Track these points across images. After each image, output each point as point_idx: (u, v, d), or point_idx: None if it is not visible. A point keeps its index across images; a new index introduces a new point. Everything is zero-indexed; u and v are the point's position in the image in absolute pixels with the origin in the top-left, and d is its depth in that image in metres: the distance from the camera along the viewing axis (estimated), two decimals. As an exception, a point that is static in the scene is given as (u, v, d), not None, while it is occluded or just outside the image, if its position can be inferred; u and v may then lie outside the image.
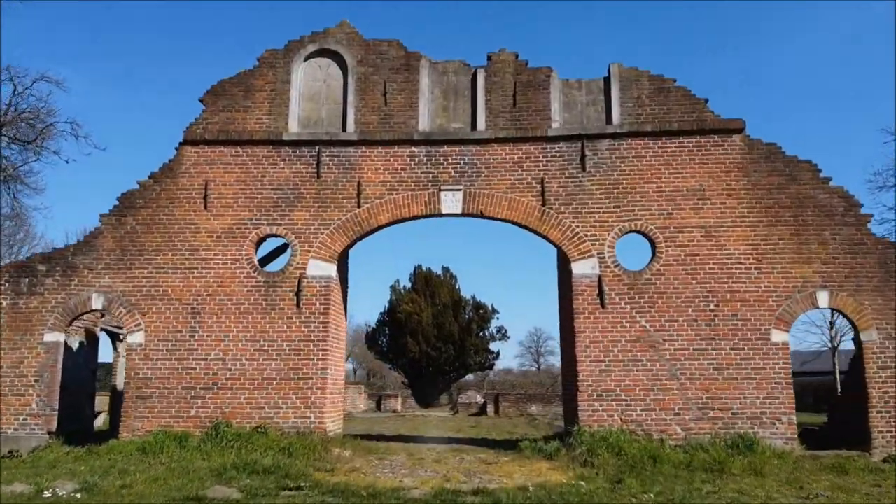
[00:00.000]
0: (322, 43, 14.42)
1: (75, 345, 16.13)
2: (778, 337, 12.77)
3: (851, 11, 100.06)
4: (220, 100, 14.19)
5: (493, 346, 43.38)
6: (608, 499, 8.95)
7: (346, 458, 11.92)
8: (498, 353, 43.76)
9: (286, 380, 13.05)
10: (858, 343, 12.96)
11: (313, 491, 9.10)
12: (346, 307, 14.88)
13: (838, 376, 34.01)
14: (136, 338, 13.34)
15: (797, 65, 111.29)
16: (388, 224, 13.81)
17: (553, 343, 73.49)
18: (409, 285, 42.70)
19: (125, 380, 13.44)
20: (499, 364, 50.21)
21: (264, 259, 14.87)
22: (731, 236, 13.15)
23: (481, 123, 13.88)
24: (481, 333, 42.57)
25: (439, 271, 42.66)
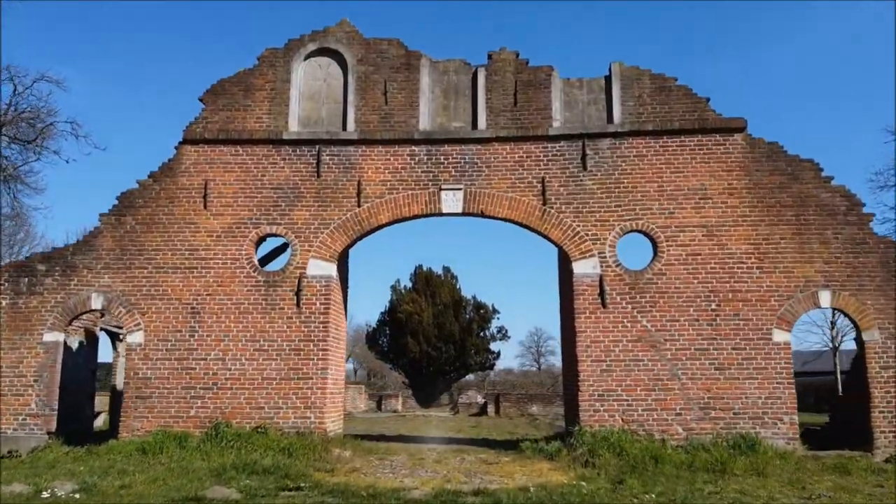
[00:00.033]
0: (322, 42, 14.38)
1: (75, 345, 16.10)
2: (780, 337, 12.73)
3: (851, 11, 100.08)
4: (220, 99, 14.16)
5: (494, 346, 43.47)
6: (609, 499, 8.91)
7: (346, 458, 11.87)
8: (498, 353, 43.84)
9: (286, 380, 13.01)
10: (860, 343, 12.91)
11: (313, 491, 9.06)
12: (346, 307, 14.84)
13: (839, 376, 33.95)
14: (135, 337, 13.31)
15: (797, 65, 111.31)
16: (389, 223, 13.77)
17: (554, 343, 73.50)
18: (409, 285, 42.73)
19: (124, 380, 13.41)
20: (499, 364, 50.32)
21: (264, 259, 14.83)
22: (733, 235, 13.11)
23: (482, 122, 13.83)
24: (482, 333, 42.58)
25: (440, 271, 42.70)
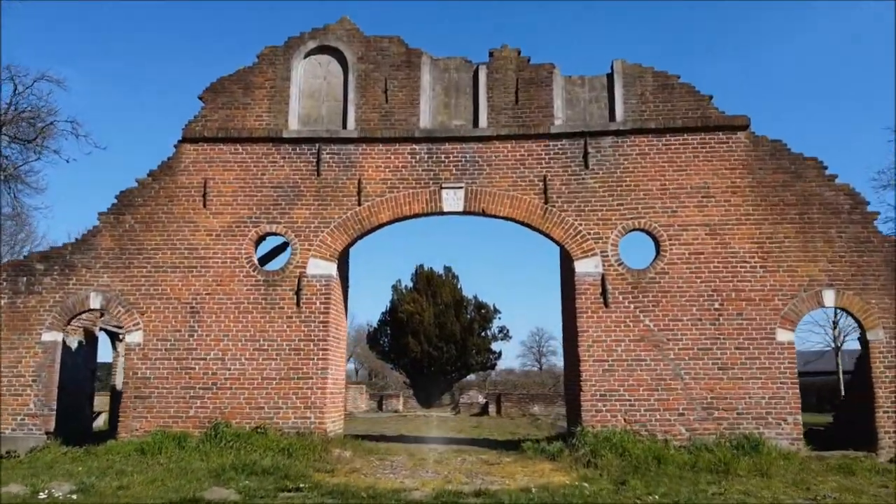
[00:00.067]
0: (322, 39, 14.29)
1: (74, 344, 16.04)
2: (783, 336, 12.62)
3: (851, 11, 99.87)
4: (220, 97, 14.07)
5: (495, 345, 43.41)
6: (612, 500, 8.82)
7: (346, 458, 11.78)
8: (500, 353, 43.78)
9: (286, 379, 12.92)
10: (865, 342, 12.79)
11: (313, 492, 8.98)
12: (346, 306, 14.75)
13: (842, 376, 33.87)
14: (134, 337, 13.22)
15: (797, 64, 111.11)
16: (389, 222, 13.67)
17: (555, 343, 73.51)
18: (410, 285, 42.66)
19: (123, 380, 13.33)
20: (501, 364, 50.21)
21: (264, 258, 14.74)
22: (736, 234, 13.01)
23: (483, 121, 13.74)
24: (483, 333, 42.50)
25: (441, 271, 42.65)
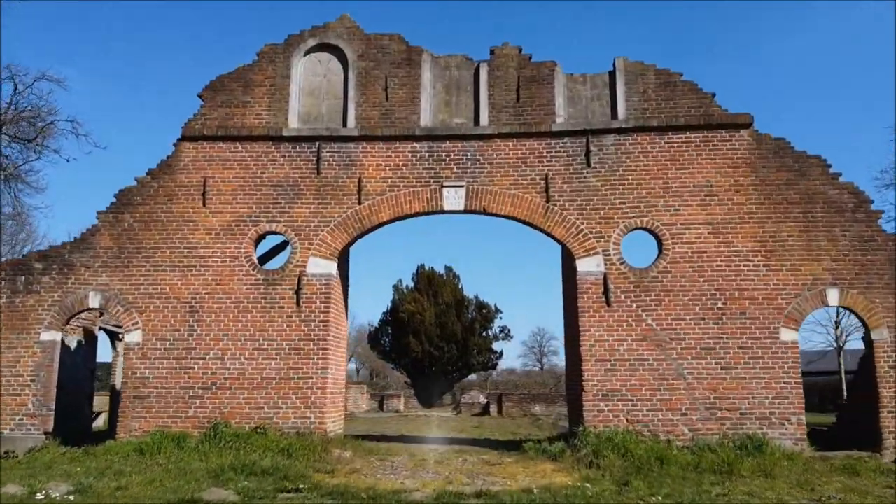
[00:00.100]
0: (322, 37, 14.20)
1: (73, 344, 15.96)
2: (787, 336, 12.52)
3: (851, 11, 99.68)
4: (219, 95, 13.99)
5: (496, 345, 43.37)
6: (615, 501, 8.74)
7: (346, 459, 11.70)
8: (501, 353, 43.75)
9: (286, 379, 12.84)
10: (869, 342, 12.70)
11: (312, 493, 8.90)
12: (347, 305, 14.66)
13: (844, 376, 33.79)
14: (133, 337, 13.14)
15: (797, 64, 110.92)
16: (390, 221, 13.59)
17: (556, 343, 73.49)
18: (411, 284, 42.59)
19: (122, 379, 13.25)
20: (502, 364, 50.15)
21: (264, 257, 14.66)
22: (739, 233, 12.91)
23: (484, 119, 13.65)
24: (484, 333, 42.43)
25: (442, 270, 42.60)
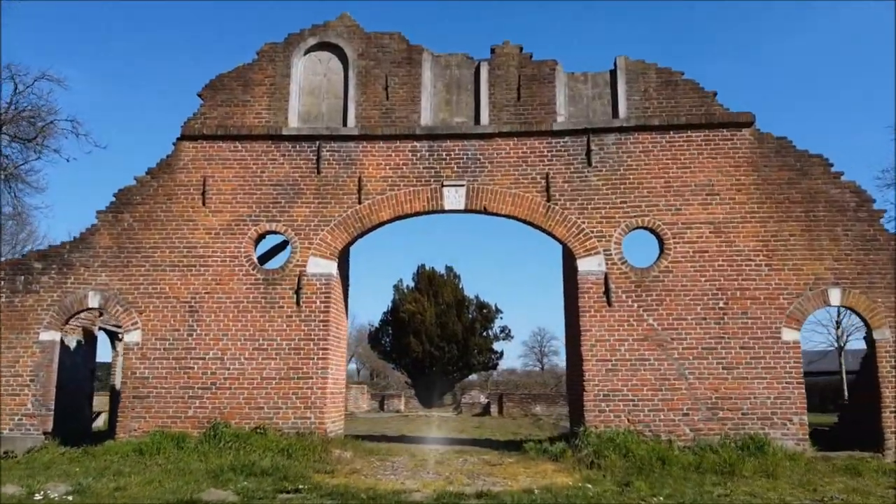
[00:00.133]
0: (322, 36, 14.16)
1: (73, 344, 15.92)
2: (789, 335, 12.48)
3: (851, 11, 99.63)
4: (219, 94, 13.94)
5: (497, 345, 43.31)
6: (616, 501, 8.69)
7: (346, 459, 11.65)
8: (501, 353, 43.69)
9: (286, 379, 12.79)
10: (871, 342, 12.64)
11: (312, 493, 8.85)
12: (347, 305, 14.62)
13: (845, 376, 33.75)
14: (133, 336, 13.10)
15: (797, 64, 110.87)
16: (390, 220, 13.54)
17: (557, 343, 73.43)
18: (412, 284, 42.54)
19: (122, 379, 13.21)
20: (502, 364, 50.12)
21: (264, 256, 14.62)
22: (741, 232, 12.86)
23: (485, 118, 13.60)
24: (485, 333, 42.38)
25: (442, 270, 42.55)
